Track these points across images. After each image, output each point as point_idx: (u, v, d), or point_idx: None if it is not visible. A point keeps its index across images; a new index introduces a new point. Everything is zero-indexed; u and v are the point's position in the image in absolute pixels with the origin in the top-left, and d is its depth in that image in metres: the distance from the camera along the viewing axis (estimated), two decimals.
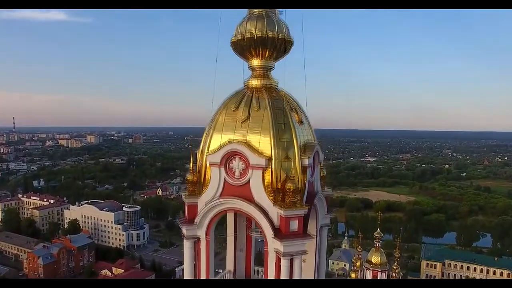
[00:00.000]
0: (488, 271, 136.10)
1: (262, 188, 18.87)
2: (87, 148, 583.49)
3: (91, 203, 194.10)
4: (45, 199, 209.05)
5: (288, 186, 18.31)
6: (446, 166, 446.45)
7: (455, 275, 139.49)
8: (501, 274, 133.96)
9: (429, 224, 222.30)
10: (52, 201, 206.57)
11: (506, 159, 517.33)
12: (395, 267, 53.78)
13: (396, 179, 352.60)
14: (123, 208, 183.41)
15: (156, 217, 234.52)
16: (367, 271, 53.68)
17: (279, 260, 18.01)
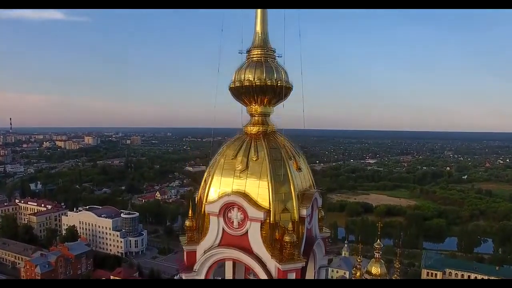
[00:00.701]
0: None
1: (261, 240, 19.21)
2: (85, 149, 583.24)
3: (89, 209, 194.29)
4: (42, 205, 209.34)
5: (286, 239, 18.64)
6: (447, 169, 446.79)
7: None
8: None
9: (429, 229, 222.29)
10: (49, 206, 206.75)
11: (508, 161, 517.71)
12: (395, 278, 54.22)
13: (396, 183, 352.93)
14: (121, 214, 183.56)
15: (154, 222, 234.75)
16: None
17: None
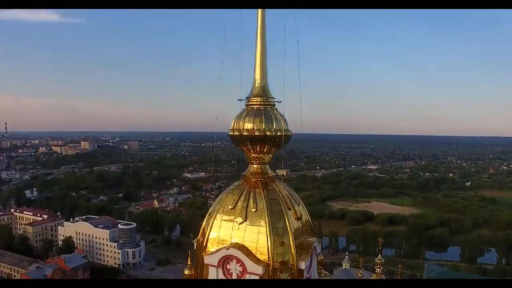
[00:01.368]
0: None
1: None
2: (81, 155, 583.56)
3: (85, 219, 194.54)
4: (38, 214, 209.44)
5: None
6: (450, 175, 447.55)
7: None
8: None
9: (432, 238, 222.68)
10: (45, 216, 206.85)
11: (511, 167, 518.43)
12: None
13: (398, 190, 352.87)
14: (119, 225, 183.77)
15: (152, 231, 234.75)
16: None
17: None
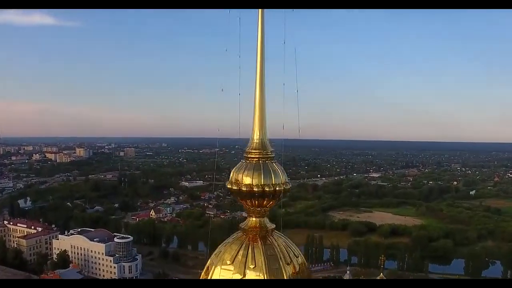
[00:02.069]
0: None
1: None
2: (76, 163, 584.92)
3: (80, 232, 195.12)
4: (32, 226, 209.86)
5: None
6: (454, 183, 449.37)
7: None
8: None
9: (436, 250, 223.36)
10: (39, 228, 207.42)
11: None
12: None
13: (401, 199, 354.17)
14: (115, 238, 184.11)
15: (149, 243, 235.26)
16: None
17: None
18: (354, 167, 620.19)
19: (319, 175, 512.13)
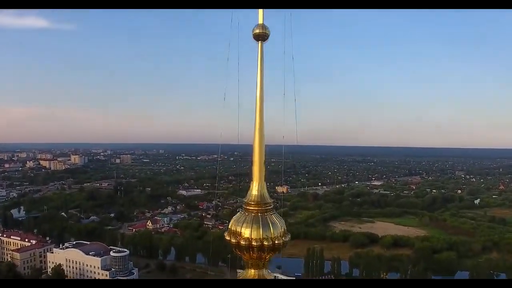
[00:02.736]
0: None
1: None
2: (71, 171, 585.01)
3: (76, 245, 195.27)
4: (26, 239, 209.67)
5: None
6: (459, 192, 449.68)
7: None
8: None
9: (439, 263, 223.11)
10: (34, 241, 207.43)
11: None
12: None
13: (404, 209, 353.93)
14: (111, 252, 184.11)
15: (146, 255, 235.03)
16: None
17: None
18: (356, 174, 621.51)
19: (320, 184, 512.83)
